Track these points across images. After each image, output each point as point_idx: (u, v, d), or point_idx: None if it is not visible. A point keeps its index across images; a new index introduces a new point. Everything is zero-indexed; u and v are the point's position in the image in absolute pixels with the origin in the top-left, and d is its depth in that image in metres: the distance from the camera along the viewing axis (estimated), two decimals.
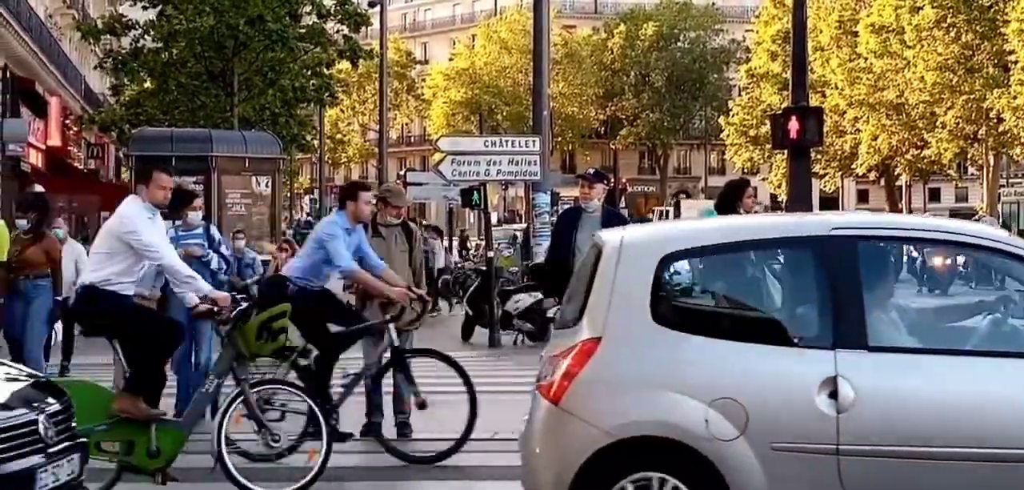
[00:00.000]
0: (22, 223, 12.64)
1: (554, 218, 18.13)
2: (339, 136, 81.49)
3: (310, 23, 33.77)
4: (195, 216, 11.85)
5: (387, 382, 10.80)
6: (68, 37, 48.03)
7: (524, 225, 37.48)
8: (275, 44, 32.71)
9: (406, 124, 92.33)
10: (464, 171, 20.20)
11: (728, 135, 65.64)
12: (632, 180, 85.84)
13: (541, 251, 22.22)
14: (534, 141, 20.25)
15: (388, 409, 10.89)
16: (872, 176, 60.85)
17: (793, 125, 10.57)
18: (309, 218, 69.43)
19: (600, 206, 10.74)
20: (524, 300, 20.27)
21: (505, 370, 16.88)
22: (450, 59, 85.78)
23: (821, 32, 57.42)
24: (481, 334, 20.51)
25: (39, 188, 35.52)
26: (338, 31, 34.46)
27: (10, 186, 34.48)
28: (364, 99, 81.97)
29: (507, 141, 20.94)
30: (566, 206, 23.12)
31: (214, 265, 11.80)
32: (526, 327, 20.13)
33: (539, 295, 20.51)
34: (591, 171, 11.31)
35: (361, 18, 33.50)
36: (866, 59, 53.50)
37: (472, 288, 21.60)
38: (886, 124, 53.87)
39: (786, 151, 19.85)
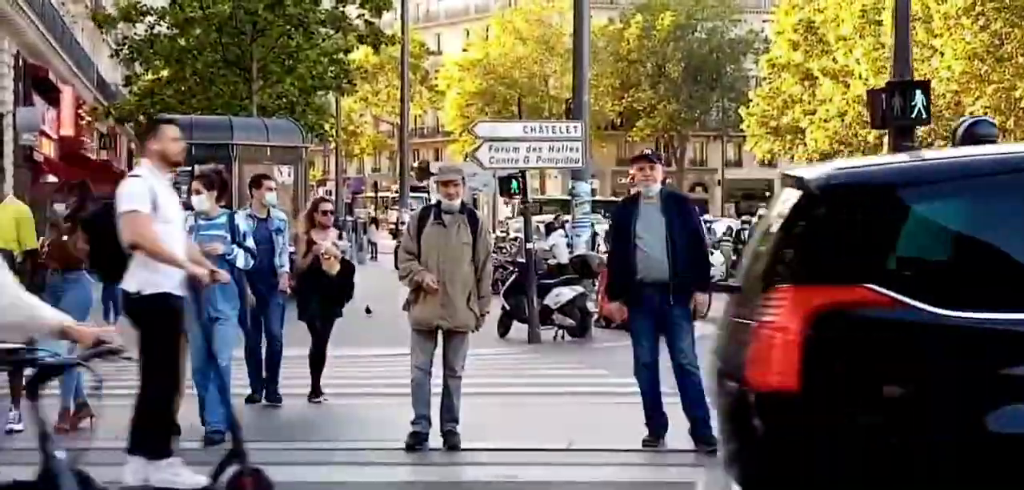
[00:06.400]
0: (60, 208, 10.92)
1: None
2: (352, 127, 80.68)
3: (330, 8, 32.84)
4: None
5: (436, 385, 9.80)
6: (80, 25, 47.16)
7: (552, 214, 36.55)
8: (294, 29, 31.87)
9: (419, 116, 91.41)
10: (502, 158, 19.13)
11: (748, 126, 64.61)
12: None
13: (581, 242, 21.33)
14: (576, 126, 19.27)
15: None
16: None
17: (897, 101, 9.55)
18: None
19: (660, 191, 9.53)
20: (564, 294, 19.30)
21: (549, 368, 15.94)
22: (464, 50, 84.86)
23: (843, 22, 56.41)
24: (519, 329, 19.52)
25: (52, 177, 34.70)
26: (359, 16, 33.56)
27: (23, 175, 33.67)
28: (377, 90, 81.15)
29: (548, 127, 19.91)
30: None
31: (240, 262, 10.36)
32: (567, 322, 19.17)
33: (580, 288, 19.58)
34: (649, 151, 10.13)
35: (383, 2, 32.62)
36: (891, 48, 52.42)
37: (509, 281, 20.56)
38: None
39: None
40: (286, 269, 11.99)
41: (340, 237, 13.02)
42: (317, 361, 12.16)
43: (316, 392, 12.18)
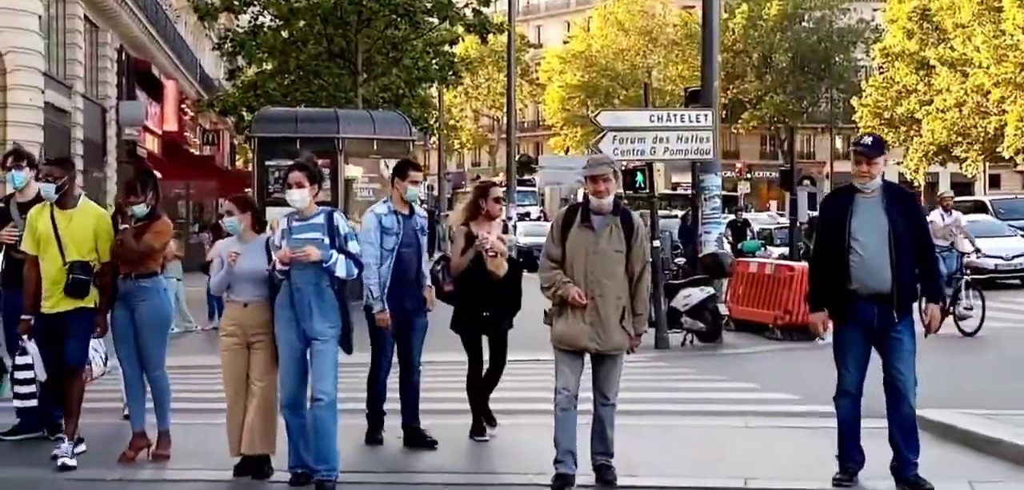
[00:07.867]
0: (140, 209, 9.49)
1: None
2: (452, 122, 80.00)
3: None
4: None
5: (585, 409, 8.41)
6: (183, 19, 46.82)
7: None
8: (400, 19, 30.93)
9: (520, 109, 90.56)
10: (627, 150, 17.79)
11: (861, 117, 62.57)
12: (754, 165, 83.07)
13: (711, 239, 20.05)
14: (706, 115, 17.96)
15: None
16: (1020, 160, 57.37)
17: None
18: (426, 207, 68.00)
19: (881, 184, 8.19)
20: (694, 295, 18.06)
21: (688, 380, 14.40)
22: (565, 42, 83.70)
23: (961, 8, 54.33)
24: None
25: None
26: (466, 4, 32.55)
27: (126, 170, 33.24)
28: (478, 84, 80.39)
29: (676, 115, 18.53)
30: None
31: (341, 271, 8.23)
32: (697, 326, 17.91)
33: (710, 290, 18.37)
34: (870, 140, 8.54)
35: None
36: (1012, 35, 50.31)
37: None
38: None
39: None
40: (429, 281, 9.93)
41: (505, 230, 10.27)
42: (485, 387, 10.04)
43: (481, 427, 10.02)
